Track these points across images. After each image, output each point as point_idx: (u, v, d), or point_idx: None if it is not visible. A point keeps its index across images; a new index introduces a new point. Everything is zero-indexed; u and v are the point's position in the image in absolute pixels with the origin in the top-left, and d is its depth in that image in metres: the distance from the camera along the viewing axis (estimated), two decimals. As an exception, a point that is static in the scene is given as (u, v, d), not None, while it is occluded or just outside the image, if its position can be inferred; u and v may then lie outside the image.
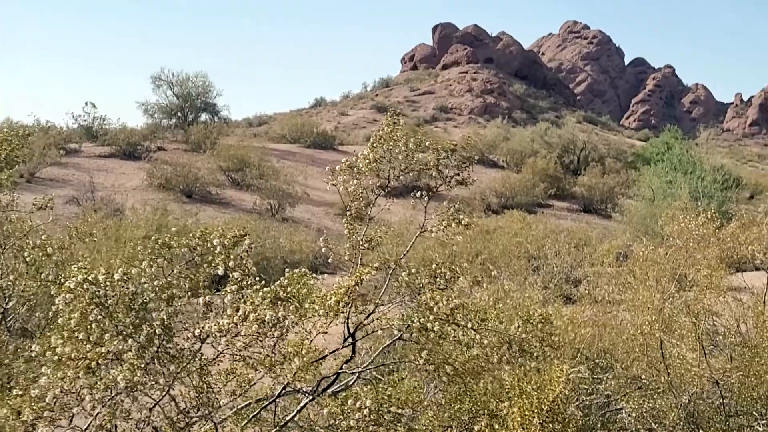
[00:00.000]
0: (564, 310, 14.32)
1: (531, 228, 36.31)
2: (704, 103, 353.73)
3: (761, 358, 11.49)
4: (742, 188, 67.94)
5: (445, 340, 7.70)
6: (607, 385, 11.48)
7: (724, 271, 14.48)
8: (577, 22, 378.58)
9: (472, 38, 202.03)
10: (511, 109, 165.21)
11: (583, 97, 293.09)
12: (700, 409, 11.09)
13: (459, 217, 8.23)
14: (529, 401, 7.60)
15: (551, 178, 71.38)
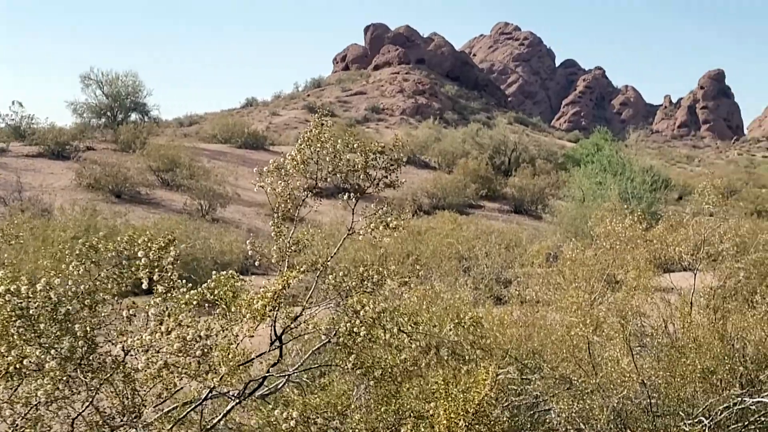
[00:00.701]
0: (494, 311, 14.35)
1: (462, 229, 36.45)
2: (634, 104, 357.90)
3: (687, 358, 11.60)
4: (670, 189, 68.71)
5: (375, 343, 7.67)
6: (535, 385, 11.52)
7: (652, 272, 14.61)
8: (508, 23, 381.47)
9: (404, 39, 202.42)
10: (442, 110, 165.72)
11: (514, 98, 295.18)
12: (627, 410, 11.16)
13: (386, 219, 8.20)
14: (455, 403, 7.59)
15: (482, 179, 71.63)
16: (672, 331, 14.00)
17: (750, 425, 11.30)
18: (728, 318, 13.24)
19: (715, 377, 11.90)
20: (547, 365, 11.72)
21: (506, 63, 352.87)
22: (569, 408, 10.63)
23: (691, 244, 15.68)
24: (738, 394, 11.43)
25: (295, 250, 8.46)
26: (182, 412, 7.92)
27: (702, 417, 11.06)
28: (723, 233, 15.27)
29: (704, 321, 13.39)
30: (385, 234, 8.20)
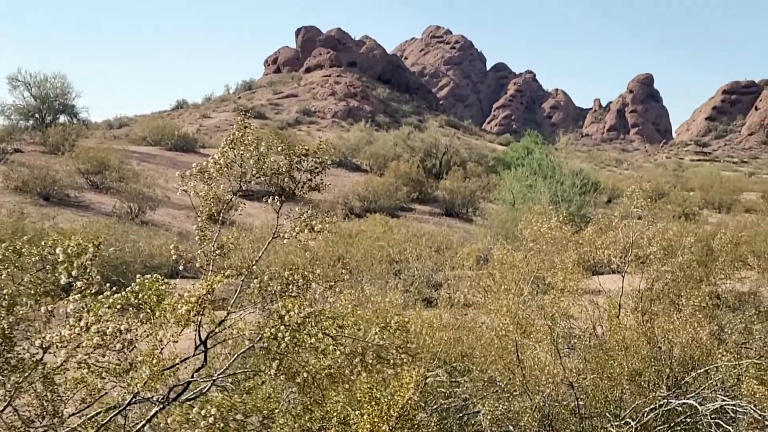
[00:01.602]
0: (425, 314, 14.34)
1: (393, 232, 36.43)
2: (564, 108, 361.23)
3: (615, 360, 11.67)
4: (600, 192, 69.30)
5: (301, 348, 7.60)
6: (464, 388, 11.53)
7: (580, 274, 14.69)
8: (439, 27, 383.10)
9: (336, 42, 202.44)
10: (374, 113, 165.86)
11: (445, 101, 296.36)
12: (555, 411, 11.21)
13: (311, 222, 8.14)
14: (379, 408, 7.56)
15: (414, 182, 71.77)
16: (600, 333, 14.09)
17: (676, 426, 11.39)
18: (655, 320, 13.35)
19: (642, 379, 11.99)
20: (476, 368, 11.73)
21: (438, 66, 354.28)
22: (496, 410, 10.65)
23: (620, 247, 15.81)
24: (664, 395, 11.53)
25: (220, 254, 8.37)
26: (106, 417, 7.81)
27: (629, 418, 11.13)
28: (651, 236, 15.41)
29: (632, 323, 13.49)
30: (310, 237, 8.14)
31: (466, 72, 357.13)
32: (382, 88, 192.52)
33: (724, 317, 15.87)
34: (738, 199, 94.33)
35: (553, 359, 11.18)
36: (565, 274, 13.20)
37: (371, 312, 12.85)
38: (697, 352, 12.76)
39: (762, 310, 16.52)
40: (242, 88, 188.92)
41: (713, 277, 17.51)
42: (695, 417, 11.29)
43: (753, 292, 18.38)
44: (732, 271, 17.99)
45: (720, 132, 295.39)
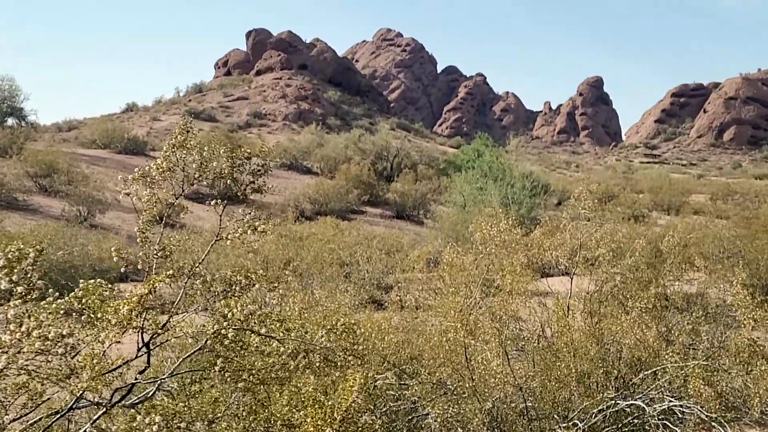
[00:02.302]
0: (375, 317, 14.32)
1: (344, 234, 36.41)
2: (515, 110, 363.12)
3: (563, 362, 11.69)
4: (550, 195, 69.56)
5: (246, 350, 7.55)
6: (413, 391, 11.50)
7: (529, 276, 14.71)
8: (390, 29, 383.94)
9: (287, 44, 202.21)
10: (325, 116, 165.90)
11: (396, 104, 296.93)
12: (504, 413, 11.21)
13: (255, 224, 8.08)
14: (323, 410, 7.53)
15: (365, 185, 71.75)
16: (549, 335, 14.12)
17: (623, 427, 11.44)
18: (604, 322, 13.40)
19: (590, 380, 12.03)
20: (425, 370, 11.71)
21: (389, 69, 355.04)
22: (445, 412, 10.64)
23: (568, 249, 15.85)
24: (612, 396, 11.57)
25: (162, 257, 8.29)
26: (48, 422, 7.71)
27: (577, 420, 11.16)
28: (599, 238, 15.46)
29: (580, 325, 13.53)
30: (253, 239, 8.08)
31: (417, 75, 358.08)
32: (333, 91, 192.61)
33: (672, 318, 15.96)
34: (687, 201, 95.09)
35: (501, 362, 11.18)
36: (514, 277, 13.20)
37: (321, 315, 12.79)
38: (645, 353, 12.83)
39: (709, 311, 16.64)
40: (192, 91, 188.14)
41: (662, 279, 17.60)
42: (643, 418, 11.34)
43: (701, 293, 18.52)
44: (680, 273, 18.12)
45: (669, 134, 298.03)
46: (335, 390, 8.19)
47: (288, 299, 13.64)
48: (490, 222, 14.43)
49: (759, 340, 13.80)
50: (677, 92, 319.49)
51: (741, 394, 13.79)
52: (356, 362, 8.27)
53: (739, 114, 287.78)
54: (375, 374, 11.40)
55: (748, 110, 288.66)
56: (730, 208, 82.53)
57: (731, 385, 14.32)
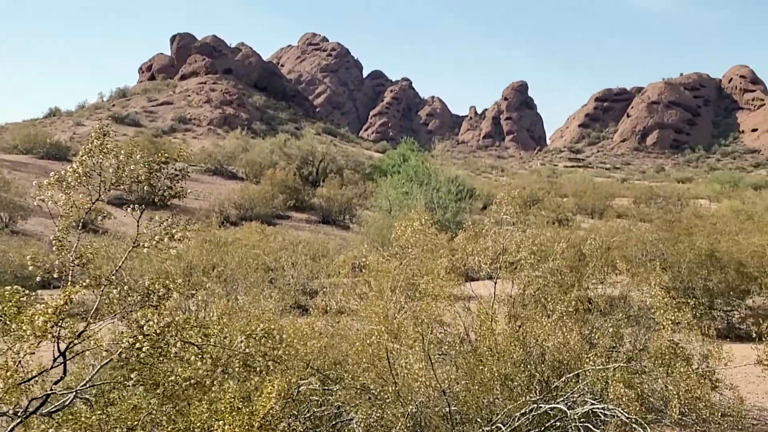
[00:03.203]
0: (299, 322, 14.25)
1: (269, 240, 36.26)
2: (440, 115, 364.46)
3: (486, 365, 11.72)
4: (475, 199, 69.90)
5: (166, 357, 7.46)
6: (337, 396, 11.47)
7: (453, 280, 14.72)
8: (316, 34, 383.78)
9: (211, 49, 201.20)
10: (250, 120, 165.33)
11: (322, 108, 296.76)
12: (427, 417, 11.21)
13: (172, 231, 7.99)
14: (241, 418, 7.47)
15: (290, 190, 71.58)
16: (473, 339, 14.15)
17: (546, 430, 11.49)
18: (526, 325, 13.47)
19: (513, 383, 12.07)
20: (349, 375, 11.68)
21: (314, 74, 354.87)
22: (368, 417, 10.61)
23: (491, 253, 15.90)
24: (535, 400, 11.62)
25: (79, 264, 8.17)
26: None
27: (500, 423, 11.19)
28: (520, 242, 15.53)
29: (504, 328, 13.58)
30: (171, 246, 7.99)
31: (342, 79, 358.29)
32: (259, 96, 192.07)
33: (595, 321, 16.07)
34: (610, 205, 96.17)
35: (424, 366, 11.18)
36: (436, 281, 13.21)
37: (244, 320, 12.70)
38: (567, 356, 12.91)
39: (631, 314, 16.78)
40: (116, 96, 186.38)
41: (584, 282, 17.72)
42: (565, 420, 11.41)
43: (623, 296, 18.67)
44: (604, 276, 18.26)
45: (593, 139, 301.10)
46: (258, 395, 8.13)
47: (210, 305, 13.57)
48: (410, 226, 14.45)
49: (680, 342, 13.96)
50: (601, 97, 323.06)
51: (662, 396, 13.95)
52: (276, 367, 8.22)
53: (662, 118, 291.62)
54: (298, 380, 11.36)
55: (671, 114, 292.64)
56: (653, 212, 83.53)
57: (652, 387, 14.49)
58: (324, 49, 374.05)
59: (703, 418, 12.60)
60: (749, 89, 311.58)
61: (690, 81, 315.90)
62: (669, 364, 12.95)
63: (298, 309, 24.59)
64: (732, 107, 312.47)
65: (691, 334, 14.05)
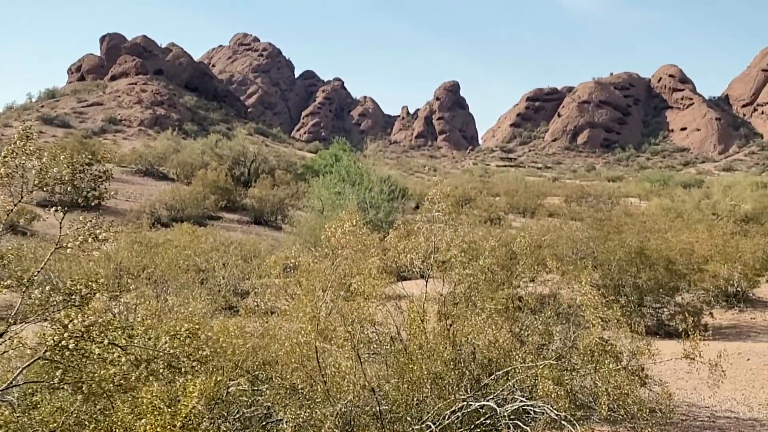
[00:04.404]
0: (230, 323, 14.18)
1: (200, 241, 36.04)
2: (372, 115, 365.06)
3: (416, 364, 11.74)
4: (408, 198, 70.02)
5: (89, 358, 7.38)
6: (267, 396, 11.42)
7: (385, 279, 14.72)
8: (247, 34, 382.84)
9: (142, 49, 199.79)
10: (182, 121, 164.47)
11: (254, 109, 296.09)
12: (357, 417, 11.20)
13: (96, 232, 7.91)
14: (163, 418, 7.42)
15: (222, 190, 71.16)
16: (405, 338, 14.16)
17: (476, 428, 11.53)
18: (457, 324, 13.50)
19: (444, 382, 12.09)
20: (278, 376, 11.64)
21: (246, 74, 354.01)
22: (297, 417, 10.58)
23: (422, 252, 15.91)
24: (465, 397, 11.66)
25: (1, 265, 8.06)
26: None
27: (430, 422, 11.21)
28: (450, 241, 15.56)
29: (435, 327, 13.61)
30: (94, 247, 7.91)
31: (274, 80, 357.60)
32: (190, 96, 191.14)
33: (525, 319, 16.15)
34: (542, 204, 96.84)
35: (354, 365, 11.17)
36: (367, 280, 13.21)
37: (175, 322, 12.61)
38: (497, 354, 12.96)
39: (561, 312, 16.88)
40: (45, 97, 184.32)
41: (515, 280, 17.79)
42: (495, 418, 11.46)
43: (553, 294, 18.78)
44: (534, 274, 18.35)
45: (524, 138, 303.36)
46: (187, 395, 8.08)
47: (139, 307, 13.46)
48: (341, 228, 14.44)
49: (610, 339, 14.08)
50: (532, 96, 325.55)
51: (591, 393, 14.07)
52: (202, 368, 8.17)
53: (593, 117, 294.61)
54: (227, 380, 11.31)
55: (601, 114, 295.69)
56: (583, 210, 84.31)
57: (581, 384, 14.60)
58: (255, 49, 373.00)
59: (631, 414, 12.70)
60: (678, 88, 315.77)
61: (620, 80, 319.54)
62: (598, 361, 13.06)
63: (229, 310, 24.49)
64: (661, 106, 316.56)
65: (621, 331, 14.16)
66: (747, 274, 31.09)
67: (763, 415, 17.74)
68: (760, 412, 17.97)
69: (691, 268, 28.97)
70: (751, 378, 20.63)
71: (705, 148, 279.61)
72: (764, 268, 32.38)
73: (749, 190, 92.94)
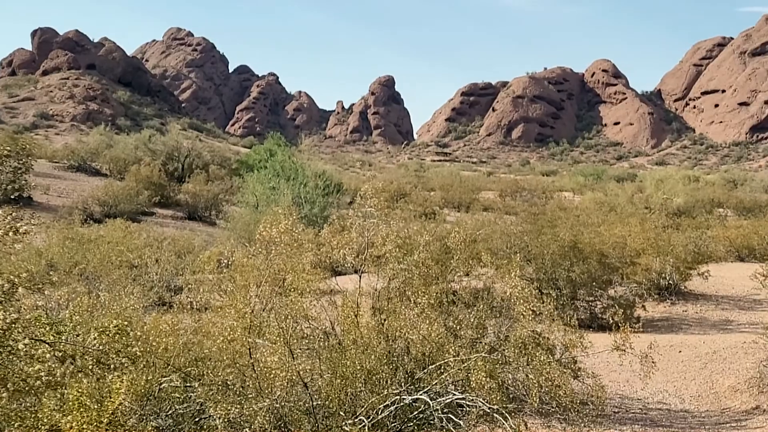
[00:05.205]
0: (163, 319, 14.06)
1: (133, 237, 35.75)
2: (307, 110, 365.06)
3: (349, 359, 11.72)
4: (343, 193, 69.95)
5: (15, 355, 7.26)
6: (199, 392, 11.33)
7: (319, 275, 14.68)
8: (181, 29, 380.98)
9: (74, 44, 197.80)
10: (115, 116, 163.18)
11: (188, 104, 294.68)
12: (289, 412, 11.15)
13: (16, 225, 7.76)
14: (89, 414, 7.33)
15: (155, 186, 70.48)
16: (339, 333, 14.13)
17: (409, 422, 11.53)
18: (391, 318, 13.50)
19: (377, 376, 12.08)
20: (211, 372, 11.56)
21: (179, 69, 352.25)
22: (229, 413, 10.52)
23: (355, 247, 15.89)
24: (398, 392, 11.65)
25: None
26: None
27: (363, 416, 11.19)
28: (385, 235, 15.55)
29: (368, 322, 13.60)
30: (15, 240, 7.76)
31: (208, 74, 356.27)
32: (123, 91, 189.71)
33: (459, 313, 16.17)
34: (477, 198, 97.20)
35: (285, 360, 11.12)
36: (301, 276, 13.16)
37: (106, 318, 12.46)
38: (429, 348, 12.97)
39: (495, 305, 16.93)
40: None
41: (450, 275, 17.81)
42: (428, 412, 11.46)
43: (487, 288, 18.83)
44: (469, 269, 18.38)
45: (459, 133, 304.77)
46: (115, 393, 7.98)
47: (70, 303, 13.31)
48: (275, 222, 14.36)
49: (543, 332, 14.16)
50: (467, 91, 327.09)
51: (524, 385, 14.14)
52: (132, 365, 8.08)
53: (527, 112, 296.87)
54: (160, 377, 11.21)
55: (535, 108, 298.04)
56: (518, 205, 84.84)
57: (514, 377, 14.67)
58: (189, 44, 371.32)
59: (563, 407, 12.78)
60: (611, 83, 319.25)
61: (554, 75, 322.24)
62: (530, 354, 13.12)
63: (163, 306, 24.31)
64: (595, 101, 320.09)
65: (554, 324, 14.24)
66: (679, 267, 31.39)
67: (694, 406, 17.97)
68: (691, 403, 18.20)
69: (623, 262, 29.23)
70: (683, 370, 20.88)
71: (638, 143, 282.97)
72: (696, 261, 32.71)
73: (681, 184, 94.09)
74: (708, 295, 32.39)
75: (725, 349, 22.71)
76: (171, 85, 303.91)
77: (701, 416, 17.15)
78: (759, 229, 46.70)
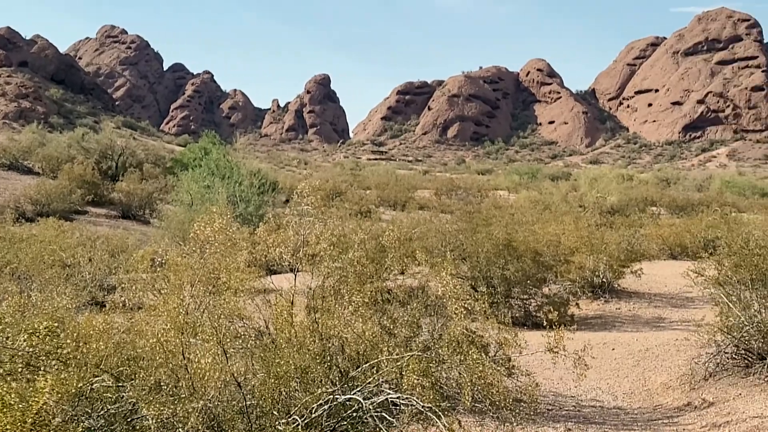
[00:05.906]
0: (96, 318, 13.95)
1: (66, 235, 35.46)
2: (243, 108, 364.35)
3: (283, 358, 11.71)
4: (278, 192, 69.85)
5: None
6: (131, 393, 11.25)
7: (254, 273, 14.68)
8: (114, 26, 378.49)
9: (5, 41, 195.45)
10: (47, 114, 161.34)
11: (122, 102, 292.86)
12: (222, 412, 11.11)
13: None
14: (13, 414, 7.27)
15: (89, 185, 69.84)
16: (274, 332, 14.11)
17: (342, 421, 11.55)
18: (325, 317, 13.51)
19: (311, 375, 12.08)
20: (143, 372, 11.49)
21: (113, 66, 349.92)
22: (160, 413, 10.46)
23: (291, 245, 15.88)
24: (332, 391, 11.66)
25: None
26: None
27: (297, 416, 11.19)
28: (319, 234, 15.56)
29: (303, 320, 13.60)
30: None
31: (142, 72, 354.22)
32: (56, 89, 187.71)
33: (393, 312, 16.21)
34: (412, 197, 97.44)
35: (217, 360, 11.09)
36: (233, 274, 13.14)
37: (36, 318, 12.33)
38: (364, 346, 13.00)
39: (429, 303, 16.99)
40: None
41: (385, 273, 17.85)
42: (362, 410, 11.48)
43: (422, 286, 18.88)
44: (404, 267, 18.43)
45: (395, 132, 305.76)
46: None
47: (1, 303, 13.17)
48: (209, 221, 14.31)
49: (477, 330, 14.24)
50: (403, 90, 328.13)
51: (457, 384, 14.21)
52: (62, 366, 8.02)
53: (462, 111, 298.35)
54: (92, 377, 11.12)
55: (471, 107, 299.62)
56: (453, 203, 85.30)
57: (448, 375, 14.75)
58: (123, 41, 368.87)
59: (497, 405, 12.84)
60: (546, 82, 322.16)
61: (489, 74, 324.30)
62: (463, 352, 13.18)
63: (96, 305, 24.11)
64: (530, 100, 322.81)
65: (488, 322, 14.32)
66: (612, 266, 31.74)
67: (627, 403, 18.17)
68: (624, 400, 18.41)
69: (557, 260, 29.48)
70: (616, 367, 21.11)
71: (572, 142, 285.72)
72: (629, 259, 33.09)
73: (615, 182, 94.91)
74: (641, 292, 32.78)
75: (658, 346, 22.97)
76: (105, 83, 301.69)
77: (634, 413, 17.33)
78: (691, 227, 47.34)
